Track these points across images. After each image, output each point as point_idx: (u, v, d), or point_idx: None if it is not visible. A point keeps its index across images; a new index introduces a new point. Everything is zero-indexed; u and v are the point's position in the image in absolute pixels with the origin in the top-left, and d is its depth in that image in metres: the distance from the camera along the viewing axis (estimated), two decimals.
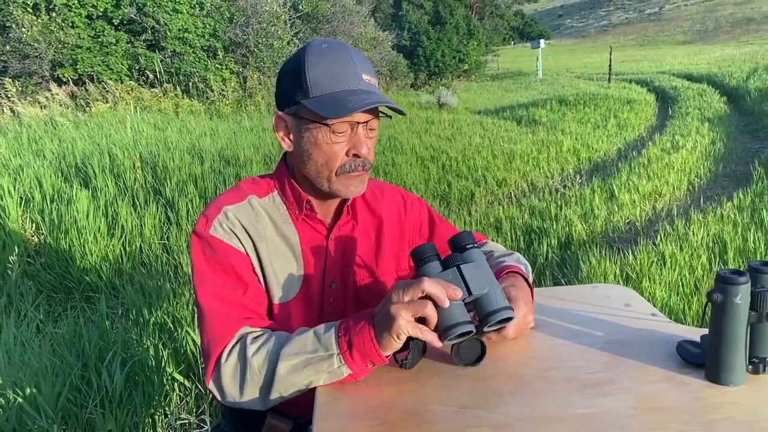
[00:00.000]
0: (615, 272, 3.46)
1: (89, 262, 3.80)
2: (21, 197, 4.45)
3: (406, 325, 1.00)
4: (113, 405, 2.37)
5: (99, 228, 4.11)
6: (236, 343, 1.13)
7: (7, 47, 10.33)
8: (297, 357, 1.06)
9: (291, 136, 1.25)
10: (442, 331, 1.03)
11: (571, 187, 6.24)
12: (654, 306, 1.39)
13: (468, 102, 17.71)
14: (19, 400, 2.23)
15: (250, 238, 1.24)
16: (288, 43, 13.68)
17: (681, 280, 3.35)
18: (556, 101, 13.98)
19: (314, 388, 1.07)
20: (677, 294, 3.18)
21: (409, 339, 1.04)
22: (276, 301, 1.27)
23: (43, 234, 4.12)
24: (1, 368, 2.48)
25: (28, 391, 2.28)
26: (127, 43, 11.58)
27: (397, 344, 1.03)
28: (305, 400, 1.09)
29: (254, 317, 1.19)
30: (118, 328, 2.92)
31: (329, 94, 1.17)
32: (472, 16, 32.46)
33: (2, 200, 4.24)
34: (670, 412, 0.92)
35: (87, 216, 4.16)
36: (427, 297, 1.01)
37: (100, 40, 11.10)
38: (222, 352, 1.12)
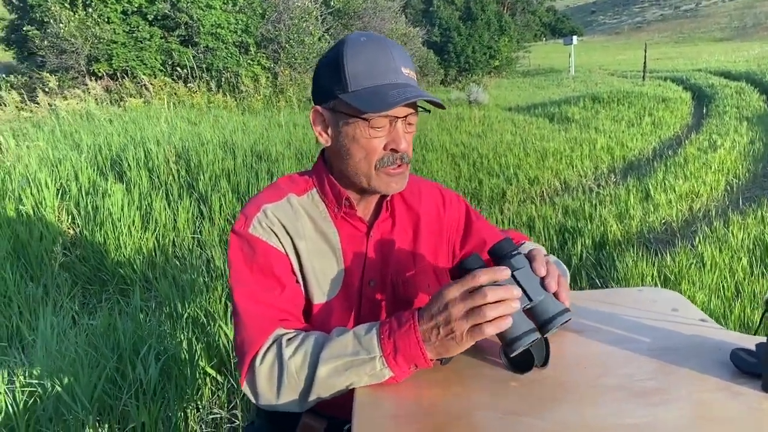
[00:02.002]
0: (652, 274, 3.38)
1: (123, 255, 3.84)
2: (58, 189, 4.51)
3: (467, 339, 0.98)
4: (147, 397, 2.39)
5: (133, 221, 4.16)
6: (271, 344, 1.11)
7: (45, 42, 10.53)
8: (337, 360, 1.04)
9: (329, 131, 1.23)
10: (507, 344, 1.00)
11: (605, 186, 6.13)
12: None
13: (499, 99, 17.55)
14: (58, 389, 2.26)
15: (290, 236, 1.22)
16: (319, 39, 13.71)
17: (721, 283, 3.26)
18: (589, 99, 13.77)
19: (353, 388, 1.06)
20: (718, 297, 3.10)
21: None
22: (316, 300, 1.25)
23: (78, 226, 4.18)
24: (38, 358, 2.52)
25: (65, 381, 2.31)
26: (161, 38, 11.72)
27: (459, 352, 1.01)
28: (341, 399, 1.07)
29: (290, 319, 1.17)
30: (152, 321, 2.95)
31: (368, 89, 1.15)
32: (503, 12, 32.13)
33: (40, 192, 4.31)
34: (725, 423, 0.88)
35: (122, 209, 4.21)
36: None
37: (134, 35, 11.25)
38: (256, 355, 1.10)
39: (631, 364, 1.08)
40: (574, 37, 29.33)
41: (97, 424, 2.30)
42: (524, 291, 1.03)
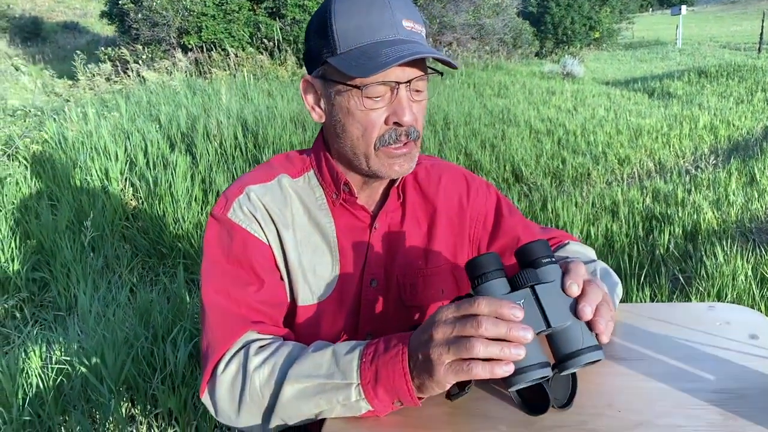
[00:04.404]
0: (746, 272, 2.95)
1: (182, 228, 3.81)
2: (126, 160, 4.55)
3: (447, 374, 0.76)
4: (176, 382, 2.30)
5: (194, 195, 4.12)
6: (238, 350, 0.93)
7: (139, 15, 10.85)
8: (307, 380, 0.85)
9: (321, 104, 1.03)
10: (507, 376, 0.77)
11: (704, 168, 5.57)
12: None
13: (596, 72, 16.71)
14: (83, 369, 2.20)
15: (274, 224, 1.04)
16: None
17: None
18: (694, 72, 12.77)
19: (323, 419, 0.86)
20: None
21: None
22: (302, 301, 1.06)
23: (141, 198, 4.19)
24: (74, 334, 2.49)
25: (93, 360, 2.25)
26: (249, 10, 11.79)
27: (439, 391, 0.80)
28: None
29: (266, 321, 0.99)
30: (195, 300, 2.86)
31: (359, 48, 0.93)
32: None
33: (108, 163, 4.36)
34: None
35: (183, 181, 4.18)
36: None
37: (223, 7, 11.37)
38: (220, 360, 0.93)
39: (683, 412, 0.82)
40: (683, 7, 27.45)
41: (126, 405, 2.24)
42: (543, 312, 0.78)
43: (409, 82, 0.96)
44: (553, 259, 0.84)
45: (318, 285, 1.07)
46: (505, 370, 0.74)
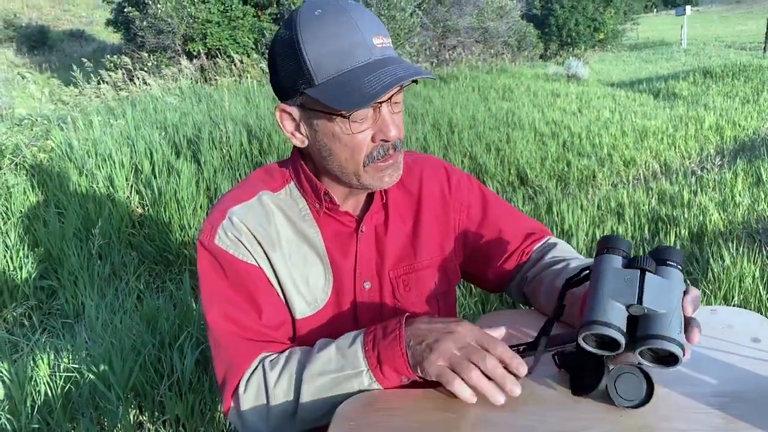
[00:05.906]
0: (754, 274, 2.94)
1: (188, 235, 3.84)
2: (132, 168, 4.58)
3: (437, 372, 0.88)
4: (183, 388, 2.31)
5: (200, 202, 4.14)
6: (255, 368, 0.98)
7: (144, 23, 10.92)
8: (321, 378, 0.92)
9: (302, 130, 1.03)
10: (583, 323, 0.83)
11: (710, 169, 5.56)
12: None
13: (601, 73, 16.66)
14: (91, 376, 2.22)
15: (261, 245, 1.05)
16: (410, 14, 13.40)
17: None
18: (699, 73, 12.71)
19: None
20: None
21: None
22: (300, 314, 1.08)
23: (147, 205, 4.22)
24: (81, 341, 2.50)
25: (102, 367, 2.27)
26: (254, 16, 11.85)
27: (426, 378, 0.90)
28: None
29: (273, 342, 1.03)
30: (201, 307, 2.88)
31: (338, 77, 0.93)
32: None
33: (113, 170, 4.39)
34: None
35: (188, 188, 4.21)
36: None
37: (228, 14, 11.44)
38: (240, 382, 0.98)
39: (685, 416, 0.82)
40: (687, 7, 27.39)
41: (134, 412, 2.25)
42: (641, 291, 0.82)
43: (389, 98, 0.97)
44: (680, 268, 0.87)
45: (313, 295, 1.09)
46: (494, 398, 0.84)
